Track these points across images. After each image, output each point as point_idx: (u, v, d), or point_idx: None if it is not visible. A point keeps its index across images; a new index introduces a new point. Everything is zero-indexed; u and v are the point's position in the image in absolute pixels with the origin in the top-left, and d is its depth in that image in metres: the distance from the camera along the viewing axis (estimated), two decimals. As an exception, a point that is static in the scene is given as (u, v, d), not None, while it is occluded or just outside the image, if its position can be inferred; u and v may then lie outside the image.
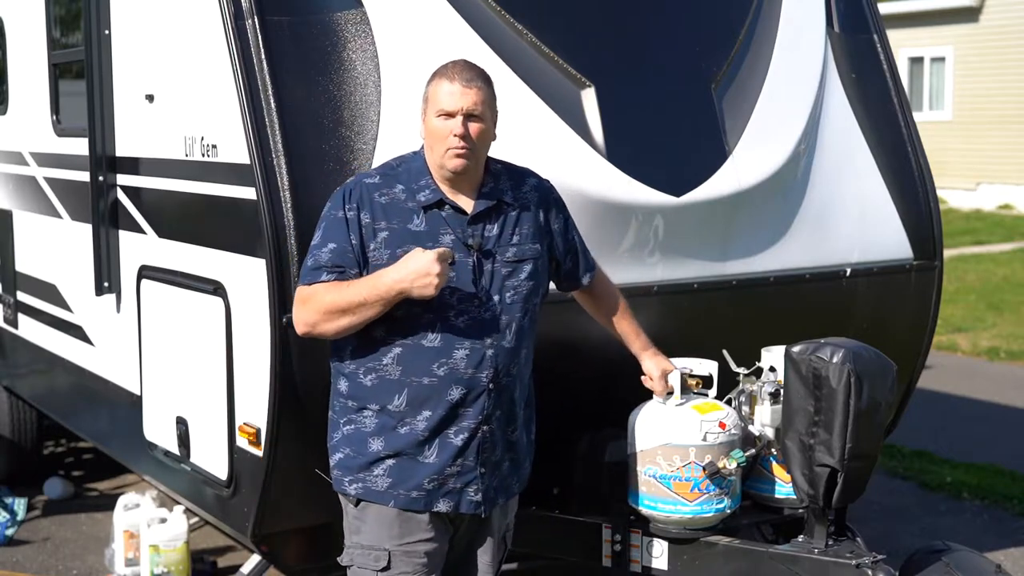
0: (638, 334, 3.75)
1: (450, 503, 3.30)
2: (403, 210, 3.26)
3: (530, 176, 3.47)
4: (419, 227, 3.24)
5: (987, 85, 21.16)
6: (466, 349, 3.23)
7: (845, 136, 4.75)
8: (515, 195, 3.37)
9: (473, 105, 3.22)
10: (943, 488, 6.72)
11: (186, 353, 4.37)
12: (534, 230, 3.38)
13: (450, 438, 3.26)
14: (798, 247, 4.54)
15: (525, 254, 3.34)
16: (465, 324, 3.24)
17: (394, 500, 3.27)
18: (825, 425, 3.58)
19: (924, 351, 4.94)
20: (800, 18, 4.69)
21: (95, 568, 5.63)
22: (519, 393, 3.37)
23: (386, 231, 3.24)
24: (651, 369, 3.74)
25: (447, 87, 3.22)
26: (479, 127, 3.24)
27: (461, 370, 3.23)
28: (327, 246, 3.25)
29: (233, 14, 3.87)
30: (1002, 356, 10.22)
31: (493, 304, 3.27)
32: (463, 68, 3.27)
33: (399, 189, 3.28)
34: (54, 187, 5.53)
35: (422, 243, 3.21)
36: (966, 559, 3.74)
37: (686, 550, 3.81)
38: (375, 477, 3.28)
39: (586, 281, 3.63)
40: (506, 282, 3.29)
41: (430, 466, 3.26)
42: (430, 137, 3.27)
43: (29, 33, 5.73)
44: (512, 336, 3.29)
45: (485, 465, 3.31)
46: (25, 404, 6.58)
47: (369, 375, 3.27)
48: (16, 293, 6.13)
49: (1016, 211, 20.74)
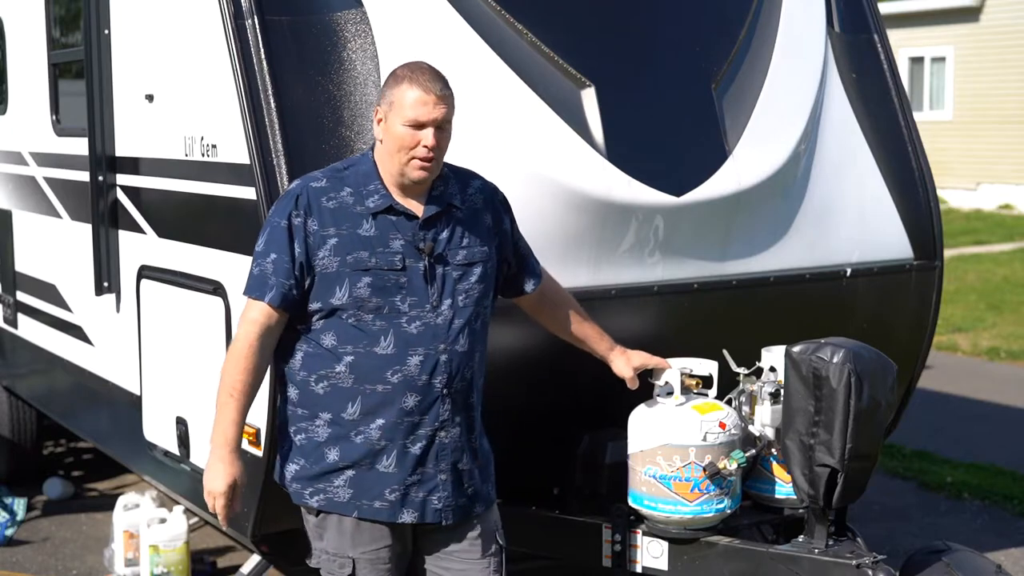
0: (601, 336, 3.68)
1: (414, 513, 3.25)
2: (351, 215, 3.19)
3: (475, 178, 3.41)
4: (369, 232, 3.18)
5: (987, 85, 21.17)
6: (420, 355, 3.18)
7: (845, 136, 4.75)
8: (463, 198, 3.32)
9: (444, 118, 3.16)
10: (943, 488, 6.72)
11: (186, 353, 4.37)
12: (483, 233, 3.33)
13: (408, 447, 3.22)
14: (798, 247, 4.53)
15: (475, 257, 3.29)
16: (418, 330, 3.19)
17: (357, 511, 3.24)
18: (825, 425, 3.57)
19: (924, 351, 4.93)
20: (800, 18, 4.69)
21: (95, 568, 5.63)
22: (475, 398, 3.33)
23: (335, 237, 3.18)
24: (622, 368, 3.68)
25: (419, 96, 3.13)
26: (445, 137, 3.20)
27: (415, 376, 3.18)
28: (270, 256, 3.19)
29: (233, 14, 3.87)
30: (1002, 356, 10.22)
31: (445, 308, 3.22)
32: (432, 77, 3.18)
33: (346, 193, 3.21)
34: (54, 187, 5.53)
35: (372, 248, 3.17)
36: (966, 559, 3.74)
37: (686, 550, 3.81)
38: (336, 488, 3.24)
39: (529, 288, 3.55)
40: (457, 286, 3.24)
41: (390, 476, 3.22)
42: (392, 143, 3.18)
43: (29, 33, 5.73)
44: (465, 340, 3.24)
45: (446, 472, 3.26)
46: (25, 404, 6.57)
47: (321, 383, 3.22)
48: (16, 293, 6.13)
49: (1016, 211, 20.74)
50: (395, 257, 3.18)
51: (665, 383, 3.78)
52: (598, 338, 3.69)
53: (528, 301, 3.62)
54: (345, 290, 3.17)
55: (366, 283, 3.16)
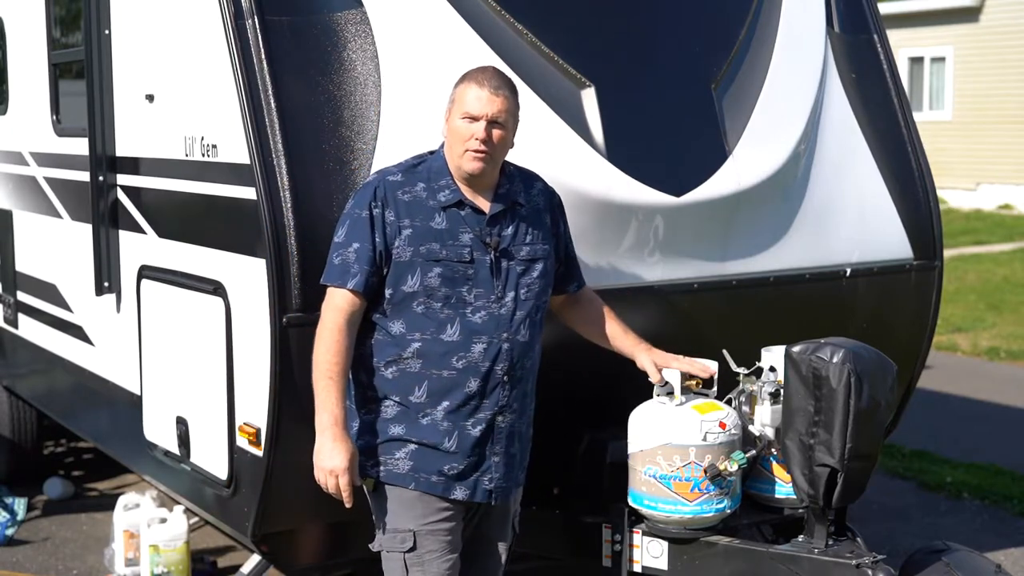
0: (627, 332, 3.79)
1: (466, 491, 3.42)
2: (425, 208, 3.38)
3: (538, 180, 3.61)
4: (440, 225, 3.37)
5: (987, 85, 21.16)
6: (483, 343, 3.37)
7: (845, 136, 4.75)
8: (527, 197, 3.52)
9: (498, 112, 3.35)
10: (943, 488, 6.72)
11: (186, 353, 4.37)
12: (544, 231, 3.52)
13: (468, 429, 3.39)
14: (798, 247, 4.54)
15: (537, 253, 3.48)
16: (482, 319, 3.37)
17: (415, 483, 3.39)
18: (825, 425, 3.58)
19: (924, 351, 4.93)
20: (800, 18, 4.69)
21: (95, 568, 5.63)
22: (531, 386, 3.51)
23: (410, 228, 3.35)
24: (646, 364, 3.75)
25: (475, 91, 3.34)
26: (500, 134, 3.37)
27: (479, 363, 3.36)
28: (351, 246, 3.36)
29: (233, 14, 3.87)
30: (1002, 356, 10.22)
31: (508, 300, 3.40)
32: (493, 75, 3.40)
33: (420, 187, 3.40)
34: (54, 187, 5.53)
35: (443, 241, 3.35)
36: (966, 559, 3.74)
37: (686, 550, 3.81)
38: (396, 460, 3.39)
39: (572, 289, 3.73)
40: (520, 279, 3.43)
41: (450, 455, 3.38)
42: (452, 137, 3.38)
43: (29, 33, 5.73)
44: (526, 331, 3.43)
45: (500, 455, 3.43)
46: (25, 404, 6.58)
47: (390, 368, 3.39)
48: (16, 293, 6.13)
49: (1016, 211, 20.74)
50: (464, 250, 3.37)
51: (665, 383, 3.78)
52: (623, 335, 3.79)
53: (568, 305, 3.77)
54: (417, 278, 3.34)
55: (437, 273, 3.34)
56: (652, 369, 3.74)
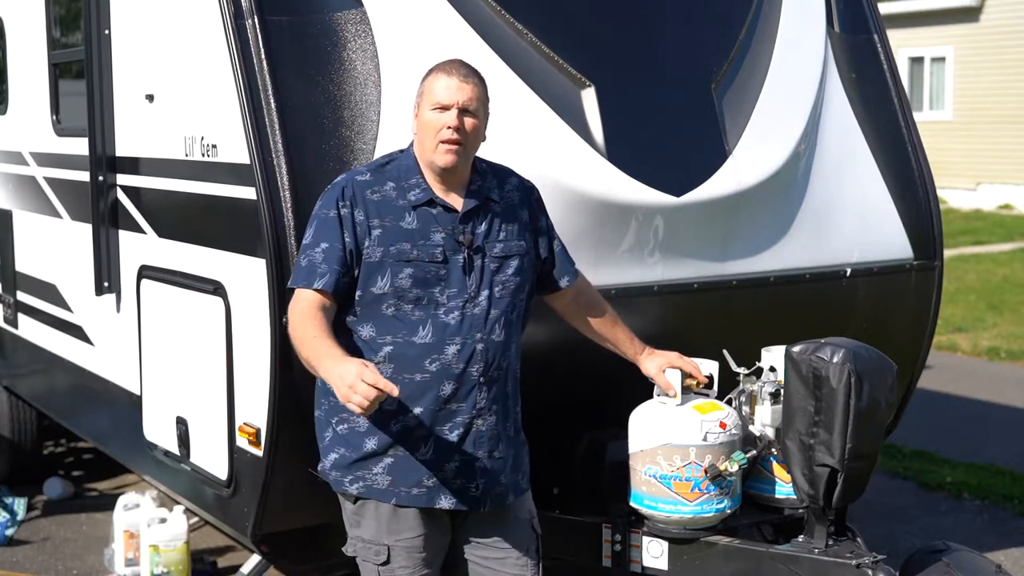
0: (632, 338, 3.74)
1: (452, 499, 3.32)
2: (395, 208, 3.30)
3: (513, 175, 3.52)
4: (411, 225, 3.28)
5: (987, 85, 21.17)
6: (456, 344, 3.26)
7: (845, 136, 4.75)
8: (501, 193, 3.43)
9: (468, 100, 3.27)
10: (943, 488, 6.72)
11: (186, 353, 4.37)
12: (519, 227, 3.43)
13: (445, 434, 3.28)
14: (798, 247, 4.54)
15: (512, 250, 3.38)
16: (455, 320, 3.27)
17: (395, 498, 3.29)
18: (825, 425, 3.57)
19: (924, 351, 4.93)
20: (800, 18, 4.69)
21: (95, 568, 5.63)
22: (511, 387, 3.40)
23: (379, 228, 3.27)
24: (651, 368, 3.74)
25: (444, 80, 3.27)
26: (473, 123, 3.28)
27: (452, 365, 3.26)
28: (319, 246, 3.26)
29: (233, 14, 3.87)
30: (1002, 356, 10.22)
31: (482, 299, 3.31)
32: (460, 65, 3.34)
33: (390, 187, 3.32)
34: (54, 187, 5.53)
35: (414, 241, 3.26)
36: (966, 559, 3.74)
37: (686, 550, 3.81)
38: (374, 475, 3.29)
39: (564, 283, 3.60)
40: (494, 277, 3.33)
41: (429, 463, 3.28)
42: (422, 131, 3.30)
43: (29, 33, 5.73)
44: (501, 330, 3.32)
45: (483, 460, 3.32)
46: (25, 404, 6.57)
47: None
48: (16, 293, 6.13)
49: (1016, 211, 20.75)
50: (436, 250, 3.27)
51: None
52: (628, 341, 3.74)
53: (562, 302, 3.68)
54: (387, 280, 3.25)
55: (408, 274, 3.25)
56: (661, 380, 3.72)
